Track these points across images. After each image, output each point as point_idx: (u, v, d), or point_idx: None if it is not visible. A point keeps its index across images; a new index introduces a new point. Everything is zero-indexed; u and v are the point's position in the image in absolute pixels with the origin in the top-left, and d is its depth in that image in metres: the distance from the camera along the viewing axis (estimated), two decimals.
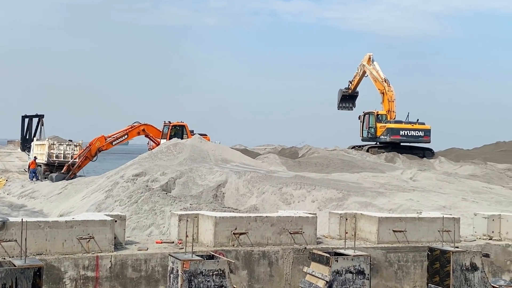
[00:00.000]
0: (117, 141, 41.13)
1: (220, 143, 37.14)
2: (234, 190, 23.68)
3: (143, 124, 41.64)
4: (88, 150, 39.33)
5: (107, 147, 40.64)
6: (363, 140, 45.45)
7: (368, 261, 10.38)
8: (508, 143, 46.89)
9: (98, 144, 39.45)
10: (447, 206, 20.90)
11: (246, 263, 11.24)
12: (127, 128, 41.20)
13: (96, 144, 39.42)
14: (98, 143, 39.46)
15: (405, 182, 28.25)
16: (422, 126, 43.17)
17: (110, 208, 21.04)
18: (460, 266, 11.33)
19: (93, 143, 39.52)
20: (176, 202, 21.22)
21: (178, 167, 26.08)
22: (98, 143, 39.49)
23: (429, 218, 13.39)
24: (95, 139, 39.55)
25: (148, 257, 10.54)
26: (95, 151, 39.62)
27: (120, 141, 41.52)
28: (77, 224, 10.33)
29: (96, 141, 39.47)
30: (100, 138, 39.82)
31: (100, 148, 39.72)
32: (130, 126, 41.34)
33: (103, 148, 40.19)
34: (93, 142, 39.56)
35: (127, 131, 41.03)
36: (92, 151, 39.58)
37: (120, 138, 40.94)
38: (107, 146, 40.44)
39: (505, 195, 25.80)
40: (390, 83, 44.55)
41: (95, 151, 39.62)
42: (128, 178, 24.02)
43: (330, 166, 33.54)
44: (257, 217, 11.86)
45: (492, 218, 14.62)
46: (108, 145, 40.41)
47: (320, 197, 22.09)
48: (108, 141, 40.18)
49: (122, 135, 40.89)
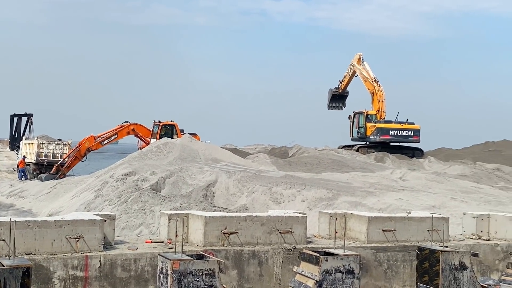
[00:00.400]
0: (107, 141, 40.98)
1: (210, 143, 37.12)
2: (224, 190, 23.66)
3: (133, 123, 41.52)
4: (77, 150, 39.17)
5: (97, 147, 40.49)
6: (353, 140, 45.57)
7: (357, 261, 10.40)
8: (497, 143, 47.20)
9: (87, 144, 39.30)
10: (437, 205, 21.01)
11: (236, 262, 11.24)
12: (117, 127, 41.07)
13: (86, 144, 39.27)
14: (87, 143, 39.31)
15: (394, 181, 28.36)
16: (411, 126, 43.34)
17: (99, 208, 20.96)
18: (449, 265, 11.38)
19: (82, 143, 39.37)
20: (166, 201, 21.17)
21: (168, 166, 26.02)
22: (88, 143, 39.33)
23: (419, 217, 13.44)
24: (84, 139, 39.39)
25: (137, 256, 10.51)
26: (84, 151, 39.47)
27: (109, 140, 41.37)
28: (66, 223, 10.28)
29: (86, 141, 39.31)
30: (90, 138, 39.65)
31: (89, 148, 39.57)
32: (120, 125, 41.20)
33: (92, 148, 40.05)
34: (83, 142, 39.41)
35: (116, 130, 40.89)
36: (82, 151, 39.43)
37: (109, 137, 40.80)
38: (97, 146, 40.29)
39: (494, 194, 25.96)
40: (380, 83, 44.69)
41: (84, 151, 39.47)
42: (118, 178, 23.93)
43: (320, 165, 33.60)
44: (247, 217, 11.85)
45: (481, 218, 14.71)
46: (97, 145, 40.27)
47: (310, 196, 22.13)
48: (97, 141, 40.05)
49: (111, 134, 40.74)
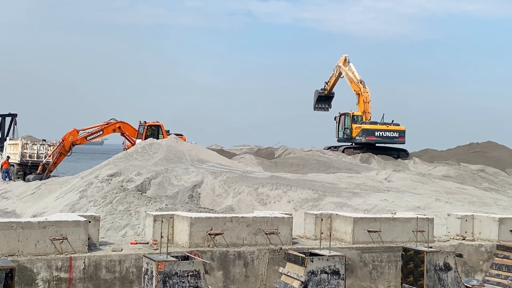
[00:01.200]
0: (92, 136, 40.76)
1: (196, 143, 36.98)
2: (210, 191, 23.61)
3: (120, 121, 41.28)
4: (62, 146, 38.86)
5: (81, 141, 40.24)
6: (339, 141, 45.68)
7: (343, 261, 10.43)
8: (481, 144, 47.55)
9: (71, 138, 39.04)
10: (421, 206, 21.12)
11: (221, 263, 11.22)
12: (103, 124, 40.81)
13: (69, 138, 39.00)
14: (71, 137, 39.05)
15: (380, 182, 28.47)
16: (397, 127, 43.53)
17: (84, 209, 20.82)
18: (434, 266, 11.45)
19: (66, 137, 39.06)
20: (151, 202, 21.08)
21: (153, 167, 25.91)
22: (71, 137, 39.08)
23: (404, 218, 13.51)
24: (67, 134, 39.09)
25: (122, 258, 10.45)
26: (69, 145, 39.20)
27: (94, 136, 41.14)
28: (50, 224, 10.20)
29: (69, 135, 39.04)
30: (73, 132, 39.35)
31: (74, 142, 39.32)
32: (106, 122, 40.95)
33: (77, 142, 39.79)
34: (66, 136, 39.10)
35: (102, 127, 40.65)
36: (66, 146, 39.14)
37: (95, 133, 40.54)
38: (81, 140, 40.02)
39: (478, 195, 26.16)
40: (365, 84, 44.83)
41: (69, 145, 39.20)
42: (103, 178, 23.78)
43: (306, 166, 33.64)
44: (233, 218, 11.84)
45: (465, 219, 14.82)
46: (82, 140, 40.01)
47: (296, 197, 22.15)
48: (82, 135, 39.80)
49: (97, 130, 40.48)
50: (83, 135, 39.96)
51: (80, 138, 39.77)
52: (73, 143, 39.43)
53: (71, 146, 39.43)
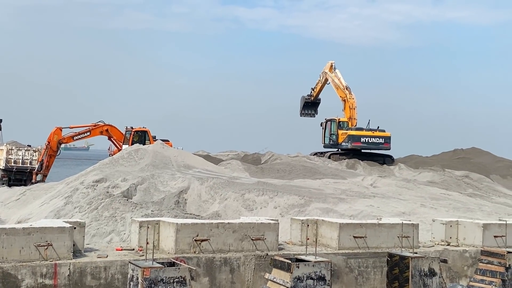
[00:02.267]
0: (79, 137, 40.66)
1: (182, 149, 36.93)
2: (196, 197, 23.57)
3: (107, 124, 41.17)
4: (49, 147, 38.70)
5: (68, 140, 40.18)
6: (325, 147, 45.83)
7: (329, 267, 10.46)
8: (466, 151, 47.96)
9: (56, 137, 38.89)
10: (407, 212, 21.24)
11: (207, 270, 11.21)
12: (91, 125, 40.67)
13: (55, 138, 38.85)
14: (56, 137, 38.91)
15: (365, 188, 28.59)
16: (382, 133, 43.77)
17: (69, 215, 20.69)
18: (419, 271, 11.52)
19: (51, 138, 38.89)
20: (137, 208, 21.00)
21: (139, 173, 25.82)
22: (56, 136, 38.94)
23: (389, 224, 13.58)
24: (51, 134, 38.94)
25: (107, 264, 10.41)
26: (56, 145, 39.07)
27: (81, 137, 41.02)
28: (35, 231, 10.14)
29: (53, 135, 38.90)
30: (56, 130, 39.18)
31: (60, 141, 39.24)
32: (94, 124, 40.82)
33: (63, 141, 39.73)
34: (51, 137, 38.93)
35: (90, 128, 40.55)
36: (53, 146, 38.99)
37: (82, 134, 40.44)
38: (68, 139, 39.97)
39: (463, 201, 26.36)
40: (351, 91, 45.07)
41: (56, 145, 39.07)
42: (88, 184, 23.65)
43: (293, 172, 33.71)
44: (219, 224, 11.84)
45: (450, 224, 14.93)
46: (69, 139, 39.96)
47: (282, 203, 22.18)
48: (69, 134, 39.74)
49: (84, 131, 40.39)
50: (70, 134, 39.95)
51: (67, 137, 39.74)
52: (60, 142, 39.33)
53: (58, 146, 39.32)
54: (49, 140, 38.96)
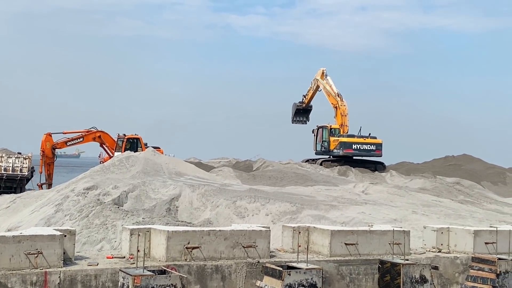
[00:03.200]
0: (72, 142, 40.86)
1: (174, 156, 36.87)
2: (188, 204, 23.51)
3: (100, 131, 41.25)
4: (45, 155, 38.83)
5: (62, 146, 40.37)
6: (317, 154, 45.88)
7: (320, 274, 10.46)
8: (457, 157, 48.15)
9: (48, 144, 39.00)
10: (398, 219, 21.28)
11: (198, 277, 11.16)
12: (84, 131, 40.81)
13: (47, 145, 38.94)
14: (48, 143, 39.02)
15: (357, 195, 28.64)
16: (374, 140, 43.88)
17: (60, 223, 20.57)
18: (410, 278, 11.54)
19: (44, 146, 38.99)
20: (128, 216, 20.91)
21: (130, 180, 25.73)
22: (49, 143, 39.04)
23: (380, 231, 13.59)
24: (42, 142, 39.05)
25: (98, 272, 10.35)
26: (50, 152, 39.17)
27: (75, 142, 41.18)
28: (25, 239, 10.07)
29: (45, 142, 39.01)
30: (47, 137, 39.30)
31: (54, 146, 39.39)
32: (87, 130, 40.91)
33: (57, 146, 39.96)
34: (43, 145, 39.00)
35: (83, 134, 40.68)
36: (49, 153, 39.14)
37: (75, 140, 40.60)
38: (62, 145, 40.19)
39: (454, 208, 26.45)
40: (343, 98, 45.18)
41: (50, 152, 39.17)
42: (79, 192, 23.53)
43: (284, 179, 33.71)
44: (210, 231, 11.80)
45: (441, 231, 14.96)
46: (62, 144, 40.17)
47: (274, 210, 22.16)
48: (62, 140, 39.92)
49: (78, 137, 40.58)
50: (63, 139, 40.13)
51: (60, 142, 39.95)
52: (54, 147, 39.43)
53: (53, 151, 39.46)
54: (43, 149, 38.98)
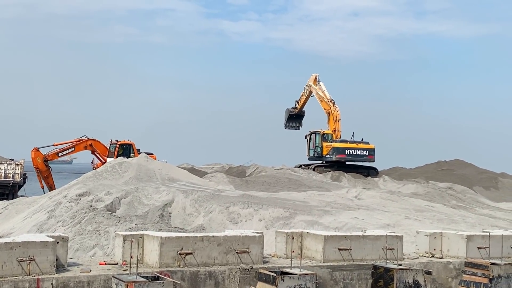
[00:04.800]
0: (63, 153, 40.99)
1: (167, 162, 36.83)
2: (181, 210, 23.47)
3: (91, 139, 41.28)
4: (39, 171, 39.10)
5: (53, 157, 40.52)
6: (310, 159, 45.96)
7: (314, 280, 10.46)
8: (449, 162, 48.34)
9: (39, 159, 39.18)
10: (391, 224, 21.31)
11: (192, 283, 11.14)
12: (75, 140, 40.90)
13: (37, 159, 39.07)
14: (38, 158, 39.18)
15: (350, 200, 28.68)
16: (366, 146, 44.01)
17: (52, 229, 20.49)
18: (403, 283, 11.56)
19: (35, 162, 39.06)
20: (121, 222, 20.86)
21: (123, 186, 25.67)
22: (39, 158, 39.22)
23: (373, 236, 13.61)
24: (33, 159, 39.36)
25: (91, 279, 10.30)
26: (43, 165, 39.32)
27: (66, 153, 41.35)
28: (17, 245, 10.02)
29: (35, 159, 39.19)
30: (35, 153, 39.54)
31: (45, 158, 39.53)
32: (78, 139, 40.98)
33: (48, 158, 40.15)
34: (35, 162, 39.16)
35: (74, 144, 40.76)
36: (42, 167, 39.30)
37: (66, 150, 40.73)
38: (53, 156, 40.35)
39: (446, 213, 26.52)
40: (335, 103, 45.33)
41: (43, 165, 39.32)
42: (72, 198, 23.46)
43: (278, 185, 33.73)
44: (204, 237, 11.78)
45: (434, 236, 14.99)
46: (53, 156, 40.31)
47: (267, 216, 22.16)
48: (53, 151, 40.03)
49: (69, 147, 40.71)
50: (54, 151, 40.16)
51: (51, 154, 39.99)
52: (45, 159, 39.50)
53: (46, 164, 39.57)
54: (36, 165, 39.23)
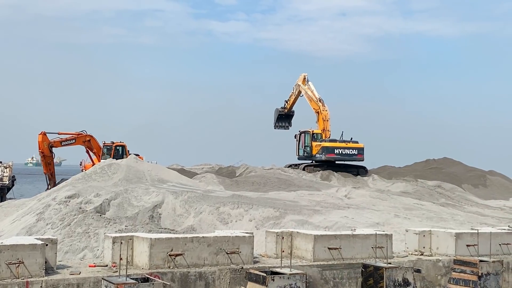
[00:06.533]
0: (66, 143, 42.21)
1: (156, 163, 36.76)
2: (171, 211, 23.42)
3: (89, 135, 41.85)
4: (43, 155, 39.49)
5: (57, 145, 41.72)
6: (299, 159, 46.01)
7: (304, 279, 10.48)
8: (438, 161, 48.57)
9: (45, 143, 39.79)
10: (381, 222, 21.39)
11: (182, 285, 11.12)
12: (75, 133, 41.67)
13: (44, 144, 39.66)
14: (45, 143, 39.76)
15: (340, 199, 28.74)
16: (355, 145, 44.12)
17: (41, 232, 20.37)
18: (393, 282, 11.61)
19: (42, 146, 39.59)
20: (110, 224, 20.78)
21: (113, 188, 25.57)
22: (45, 143, 39.78)
23: (363, 235, 13.66)
24: (39, 143, 39.90)
25: (80, 281, 10.26)
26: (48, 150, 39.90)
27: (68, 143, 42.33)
28: (5, 248, 9.96)
29: (42, 142, 39.73)
30: (43, 137, 40.11)
31: (51, 144, 40.21)
32: (78, 133, 41.61)
33: (54, 145, 40.75)
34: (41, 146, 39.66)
35: (75, 136, 41.57)
36: (46, 152, 39.85)
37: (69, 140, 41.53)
38: (57, 144, 41.46)
39: (435, 211, 26.66)
40: (324, 103, 45.42)
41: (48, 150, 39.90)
42: (61, 200, 23.33)
43: (267, 184, 33.73)
44: (194, 238, 11.77)
45: (423, 234, 15.07)
46: (57, 143, 41.47)
47: (257, 216, 22.16)
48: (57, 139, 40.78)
49: (71, 138, 41.60)
50: (58, 139, 41.03)
51: (56, 141, 41.01)
52: (51, 146, 40.09)
53: (50, 149, 40.13)
54: (42, 149, 39.61)
